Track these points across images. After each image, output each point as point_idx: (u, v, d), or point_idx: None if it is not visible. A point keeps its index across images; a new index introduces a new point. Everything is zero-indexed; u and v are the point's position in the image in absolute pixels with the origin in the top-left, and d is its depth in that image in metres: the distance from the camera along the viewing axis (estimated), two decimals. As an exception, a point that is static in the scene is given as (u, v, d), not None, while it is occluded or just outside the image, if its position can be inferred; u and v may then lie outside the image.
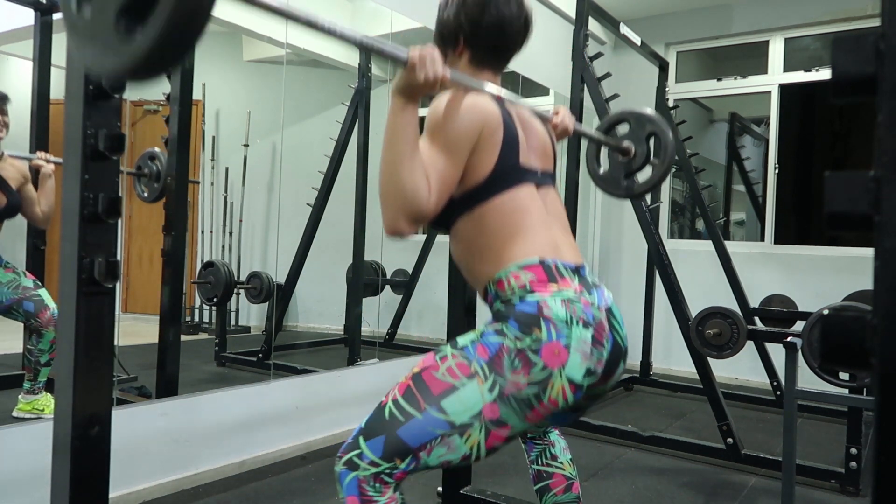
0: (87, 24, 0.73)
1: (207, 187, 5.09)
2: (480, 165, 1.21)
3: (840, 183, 0.48)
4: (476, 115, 1.20)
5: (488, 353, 1.15)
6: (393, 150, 1.13)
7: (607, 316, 1.22)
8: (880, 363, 0.45)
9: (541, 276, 1.19)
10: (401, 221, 1.13)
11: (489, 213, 1.22)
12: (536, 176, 1.30)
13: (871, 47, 0.46)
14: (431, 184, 1.15)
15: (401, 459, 1.15)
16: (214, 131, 5.12)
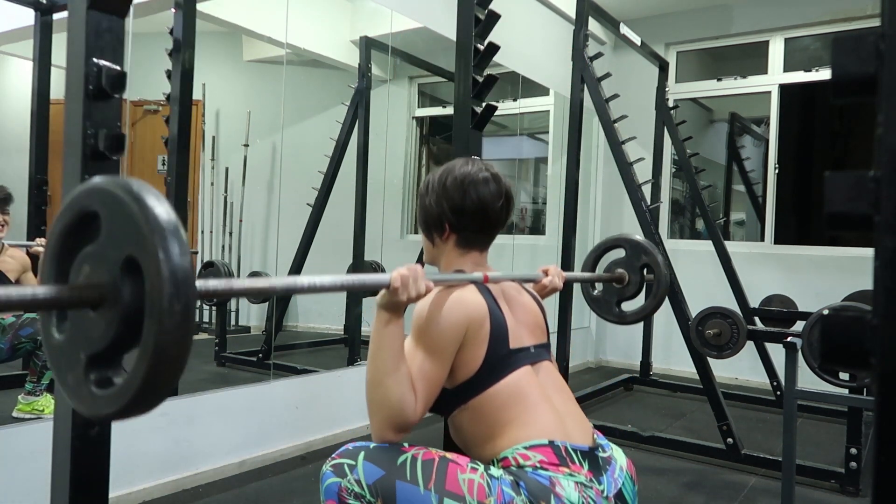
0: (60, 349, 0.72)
1: (207, 187, 5.09)
2: (470, 360, 1.22)
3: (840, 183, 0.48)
4: (460, 313, 1.21)
5: (502, 499, 1.13)
6: (378, 363, 1.17)
7: (619, 499, 1.22)
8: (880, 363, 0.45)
9: (551, 459, 1.17)
10: (387, 431, 1.17)
11: (485, 404, 1.22)
12: (529, 353, 1.30)
13: (871, 47, 0.46)
14: (418, 390, 1.17)
15: (383, 502, 1.17)
16: (214, 131, 5.12)
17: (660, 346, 4.72)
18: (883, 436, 0.45)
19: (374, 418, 1.18)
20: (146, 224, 0.63)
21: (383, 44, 4.08)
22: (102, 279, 0.68)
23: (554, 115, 4.98)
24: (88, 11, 1.05)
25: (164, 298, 0.62)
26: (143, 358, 0.64)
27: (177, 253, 0.62)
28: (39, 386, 2.62)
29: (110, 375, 0.68)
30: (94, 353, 0.68)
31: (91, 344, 0.69)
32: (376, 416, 1.18)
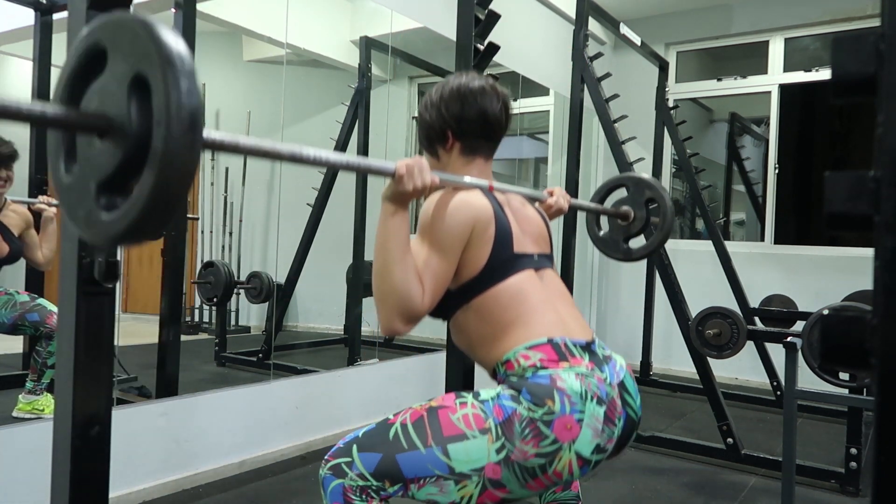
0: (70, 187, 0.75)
1: (207, 187, 5.09)
2: (474, 260, 1.23)
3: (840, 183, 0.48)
4: (466, 213, 1.22)
5: (503, 415, 1.14)
6: (385, 254, 1.16)
7: (620, 391, 1.23)
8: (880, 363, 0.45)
9: (551, 356, 1.19)
10: (396, 321, 1.16)
11: (487, 303, 1.24)
12: (533, 260, 1.32)
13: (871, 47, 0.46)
14: (425, 283, 1.18)
15: (391, 483, 1.15)
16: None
17: (660, 346, 4.72)
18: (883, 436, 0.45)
19: (382, 309, 1.17)
20: (153, 42, 0.65)
21: (383, 44, 4.08)
22: (110, 109, 0.70)
23: (554, 115, 4.98)
24: (88, 11, 1.05)
25: (172, 104, 0.63)
26: (152, 166, 0.64)
27: (185, 63, 0.64)
28: (40, 385, 2.62)
29: (119, 200, 0.69)
30: (103, 180, 0.69)
31: (99, 171, 0.70)
32: (385, 306, 1.17)
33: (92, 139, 0.71)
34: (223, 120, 5.17)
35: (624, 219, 1.85)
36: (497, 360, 1.23)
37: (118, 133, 0.68)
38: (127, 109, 0.67)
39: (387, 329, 1.18)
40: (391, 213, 1.18)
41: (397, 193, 1.16)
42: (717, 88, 5.04)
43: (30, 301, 2.61)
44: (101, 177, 0.70)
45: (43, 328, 2.59)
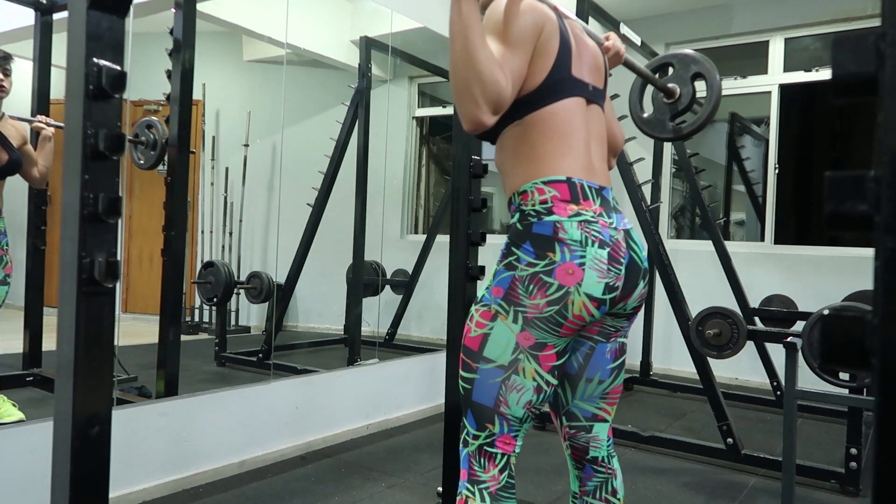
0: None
1: (207, 187, 5.09)
2: (535, 72, 1.21)
3: (840, 183, 0.48)
4: (537, 16, 1.20)
5: (503, 291, 1.19)
6: (463, 40, 1.11)
7: (625, 236, 1.24)
8: (880, 363, 0.45)
9: (564, 195, 1.19)
10: (482, 110, 1.11)
11: (537, 122, 1.22)
12: (588, 90, 1.29)
13: (871, 47, 0.46)
14: (505, 72, 1.13)
15: (491, 423, 1.21)
16: (214, 131, 5.12)
17: (660, 346, 4.72)
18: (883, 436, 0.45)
19: (466, 100, 1.11)
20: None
21: (383, 44, 4.08)
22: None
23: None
24: (88, 11, 1.05)
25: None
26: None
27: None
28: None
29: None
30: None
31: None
32: (468, 95, 1.11)
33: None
34: (223, 120, 5.17)
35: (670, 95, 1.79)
36: (517, 188, 1.24)
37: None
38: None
39: (473, 121, 1.12)
40: (463, 0, 1.12)
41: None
42: (717, 88, 5.03)
43: None
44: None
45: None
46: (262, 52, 4.71)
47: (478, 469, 1.22)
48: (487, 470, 1.21)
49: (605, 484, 1.36)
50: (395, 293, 4.84)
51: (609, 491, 1.36)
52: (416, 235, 5.29)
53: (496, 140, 1.30)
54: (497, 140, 1.29)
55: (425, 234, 4.81)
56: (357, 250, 4.12)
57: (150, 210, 4.82)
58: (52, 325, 1.19)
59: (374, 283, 4.59)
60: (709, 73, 1.76)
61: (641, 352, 4.43)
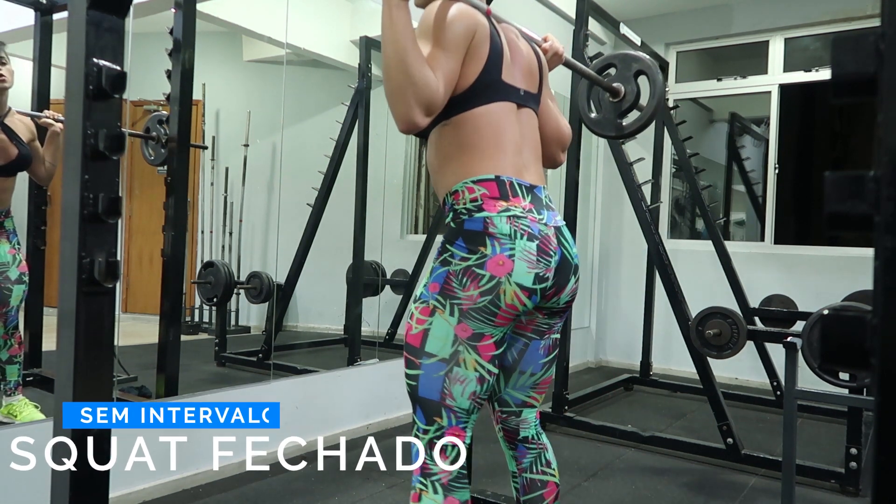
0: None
1: (207, 187, 5.09)
2: (466, 75, 1.24)
3: (840, 183, 0.48)
4: (468, 21, 1.23)
5: (438, 286, 1.23)
6: (396, 45, 1.14)
7: (556, 233, 1.28)
8: (880, 363, 0.45)
9: (493, 192, 1.24)
10: (415, 111, 1.14)
11: (465, 123, 1.26)
12: (518, 94, 1.32)
13: (871, 47, 0.46)
14: (437, 75, 1.16)
15: (438, 417, 1.25)
16: (214, 131, 5.12)
17: (660, 346, 4.72)
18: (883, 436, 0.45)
19: (399, 103, 1.14)
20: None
21: (383, 44, 4.07)
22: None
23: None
24: (88, 11, 1.05)
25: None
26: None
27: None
28: (7, 384, 2.58)
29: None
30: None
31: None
32: (402, 98, 1.14)
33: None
34: (223, 120, 5.17)
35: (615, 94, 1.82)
36: (448, 188, 1.28)
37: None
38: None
39: (406, 122, 1.15)
40: (395, 5, 1.15)
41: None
42: (717, 88, 5.04)
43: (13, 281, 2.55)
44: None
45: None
46: (262, 52, 4.71)
47: (429, 462, 1.26)
48: (438, 462, 1.25)
49: (538, 458, 1.46)
50: (395, 293, 4.84)
51: (543, 463, 1.46)
52: (416, 235, 5.29)
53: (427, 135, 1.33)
54: (428, 137, 1.33)
55: (425, 234, 4.81)
56: (357, 250, 4.12)
57: (150, 210, 4.82)
58: (52, 325, 1.19)
59: (374, 283, 4.59)
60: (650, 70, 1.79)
61: (641, 352, 4.44)
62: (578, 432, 3.16)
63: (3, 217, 2.59)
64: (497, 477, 2.54)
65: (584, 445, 3.04)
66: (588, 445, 3.05)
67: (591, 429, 3.15)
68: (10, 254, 2.55)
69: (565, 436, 3.15)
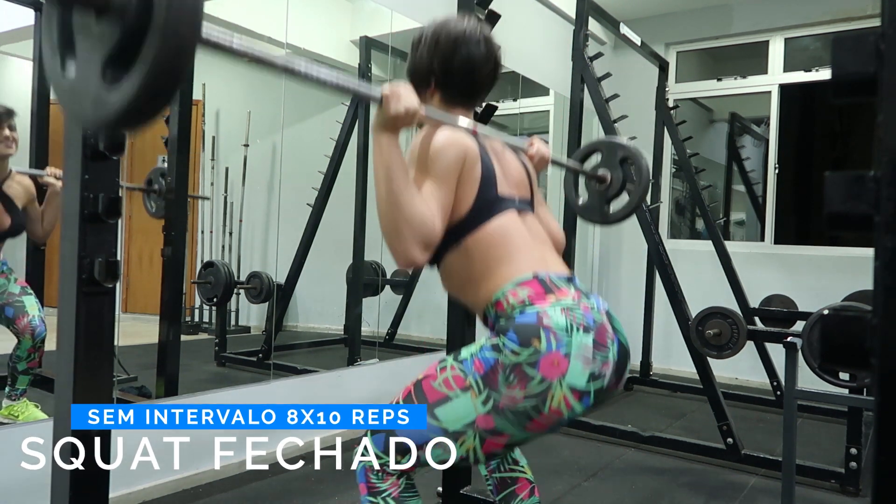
0: (73, 82, 0.74)
1: (207, 187, 5.09)
2: (462, 199, 1.24)
3: (840, 183, 0.48)
4: (457, 147, 1.23)
5: (483, 368, 1.17)
6: (389, 184, 1.15)
7: (608, 319, 1.24)
8: (880, 363, 0.45)
9: (538, 290, 1.20)
10: (414, 249, 1.14)
11: (477, 243, 1.25)
12: (515, 203, 1.33)
13: (871, 47, 0.46)
14: (432, 208, 1.17)
15: (401, 455, 1.21)
16: (214, 131, 5.12)
17: (660, 346, 4.71)
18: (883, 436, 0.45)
19: (397, 242, 1.14)
20: None
21: (383, 44, 4.07)
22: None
23: (554, 115, 4.98)
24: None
25: None
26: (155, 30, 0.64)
27: None
28: (15, 391, 2.59)
29: (123, 73, 0.67)
30: (107, 57, 0.69)
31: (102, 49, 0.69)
32: (400, 236, 1.14)
33: (89, 23, 0.71)
34: (223, 119, 5.17)
35: (601, 182, 1.84)
36: (487, 301, 1.24)
37: (116, 4, 0.68)
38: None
39: (406, 261, 1.16)
40: (386, 143, 1.17)
41: (387, 119, 1.15)
42: (717, 88, 5.04)
43: (17, 294, 2.56)
44: (105, 54, 0.69)
45: (12, 327, 2.54)
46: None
47: (375, 480, 1.23)
48: (385, 480, 1.23)
49: (504, 458, 1.48)
50: (395, 293, 4.84)
51: (510, 462, 1.48)
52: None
53: (437, 264, 1.31)
54: (440, 268, 1.31)
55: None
56: (357, 250, 4.12)
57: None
58: (52, 325, 1.18)
59: (374, 283, 4.58)
60: (635, 157, 1.81)
61: (641, 352, 4.43)
62: (578, 432, 3.16)
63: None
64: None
65: (583, 445, 3.04)
66: (588, 445, 3.05)
67: (591, 429, 3.15)
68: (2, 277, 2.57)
69: (565, 436, 3.15)
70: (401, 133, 1.19)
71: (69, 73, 0.74)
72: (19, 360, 2.56)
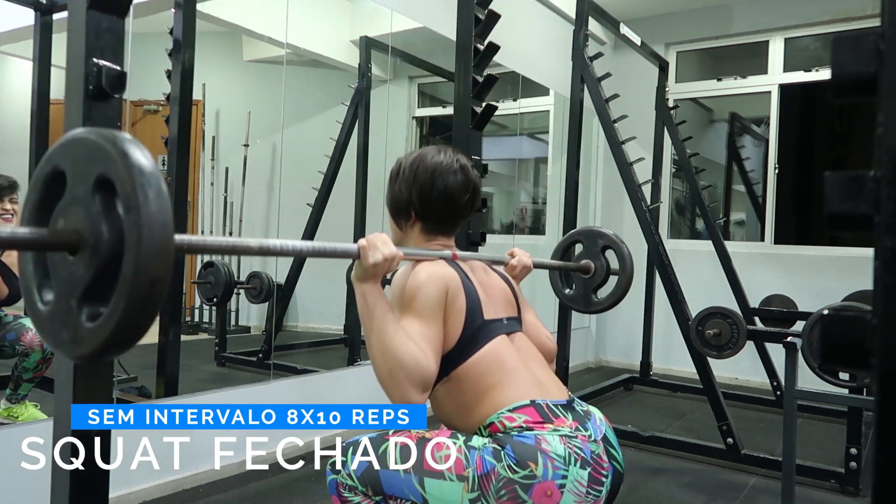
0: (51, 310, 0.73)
1: (207, 187, 5.09)
2: (450, 331, 1.24)
3: (840, 183, 0.48)
4: (439, 282, 1.24)
5: (482, 468, 1.15)
6: (377, 332, 1.16)
7: (605, 448, 1.23)
8: (880, 363, 0.45)
9: (535, 417, 1.19)
10: (411, 392, 1.14)
11: (467, 373, 1.24)
12: (503, 324, 1.33)
13: (871, 47, 0.46)
14: (423, 348, 1.17)
15: (373, 492, 1.20)
16: (214, 131, 5.12)
17: (660, 346, 4.71)
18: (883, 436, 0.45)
19: (394, 387, 1.15)
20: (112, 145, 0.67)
21: (383, 44, 4.07)
22: (77, 223, 0.70)
23: (554, 115, 4.98)
24: (88, 11, 1.05)
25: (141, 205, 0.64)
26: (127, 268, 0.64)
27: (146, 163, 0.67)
28: (16, 395, 2.60)
29: (101, 309, 0.67)
30: (83, 292, 0.68)
31: (78, 285, 0.69)
32: (396, 382, 1.14)
33: (65, 258, 0.71)
34: (223, 120, 5.17)
35: (586, 272, 1.88)
36: (479, 424, 1.23)
37: (89, 244, 0.68)
38: (94, 218, 0.67)
39: (406, 403, 1.16)
40: (368, 291, 1.18)
41: (366, 269, 1.17)
42: (717, 88, 5.04)
43: (12, 322, 2.59)
44: (81, 289, 0.68)
45: (19, 346, 2.55)
46: (262, 52, 4.70)
47: (349, 495, 1.22)
48: (357, 494, 1.22)
49: None
50: (395, 293, 4.83)
51: None
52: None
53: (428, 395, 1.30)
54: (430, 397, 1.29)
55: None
56: (357, 250, 4.11)
57: (150, 210, 4.80)
58: (52, 325, 1.18)
59: (374, 283, 4.58)
60: (615, 244, 1.84)
61: (641, 352, 4.44)
62: (578, 432, 3.16)
63: None
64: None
65: (584, 445, 3.05)
66: (588, 445, 3.05)
67: (591, 429, 3.15)
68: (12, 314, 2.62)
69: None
70: None
71: (47, 299, 0.74)
72: (26, 371, 2.58)
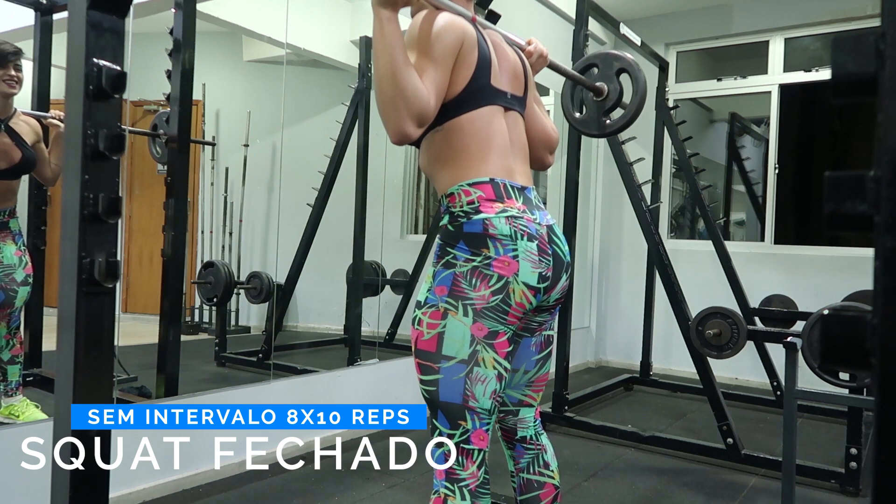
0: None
1: (207, 187, 5.09)
2: (456, 81, 1.27)
3: (840, 183, 0.48)
4: (456, 31, 1.25)
5: (446, 288, 1.24)
6: (387, 58, 1.17)
7: (548, 232, 1.31)
8: (880, 363, 0.45)
9: (489, 194, 1.26)
10: (407, 123, 1.17)
11: (457, 129, 1.28)
12: (506, 98, 1.35)
13: (871, 47, 0.46)
14: (428, 87, 1.19)
15: (463, 420, 1.24)
16: (214, 131, 5.12)
17: (660, 346, 4.71)
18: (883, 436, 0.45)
19: (392, 115, 1.17)
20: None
21: (383, 44, 4.07)
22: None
23: (554, 115, 4.98)
24: (88, 11, 1.05)
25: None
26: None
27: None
28: (8, 384, 2.58)
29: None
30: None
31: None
32: (394, 110, 1.16)
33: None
34: (223, 120, 5.17)
35: (598, 94, 1.85)
36: (444, 190, 1.30)
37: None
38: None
39: (398, 134, 1.18)
40: (386, 19, 1.20)
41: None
42: (717, 88, 5.04)
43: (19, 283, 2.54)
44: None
45: None
46: (262, 52, 4.71)
47: (457, 468, 1.24)
48: (466, 467, 1.24)
49: (535, 459, 1.45)
50: (395, 293, 4.84)
51: (541, 465, 1.45)
52: (416, 235, 5.29)
53: (420, 141, 1.34)
54: (420, 144, 1.34)
55: (425, 235, 4.80)
56: (357, 250, 4.11)
57: (150, 210, 4.82)
58: (52, 325, 1.18)
59: (374, 283, 4.58)
60: (631, 67, 1.81)
61: (641, 352, 4.44)
62: (578, 432, 3.16)
63: (8, 217, 2.59)
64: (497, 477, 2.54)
65: (584, 445, 3.04)
66: (588, 445, 3.05)
67: (592, 429, 3.15)
68: (17, 255, 2.55)
69: (565, 436, 3.15)
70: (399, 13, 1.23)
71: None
72: (1, 350, 2.55)
